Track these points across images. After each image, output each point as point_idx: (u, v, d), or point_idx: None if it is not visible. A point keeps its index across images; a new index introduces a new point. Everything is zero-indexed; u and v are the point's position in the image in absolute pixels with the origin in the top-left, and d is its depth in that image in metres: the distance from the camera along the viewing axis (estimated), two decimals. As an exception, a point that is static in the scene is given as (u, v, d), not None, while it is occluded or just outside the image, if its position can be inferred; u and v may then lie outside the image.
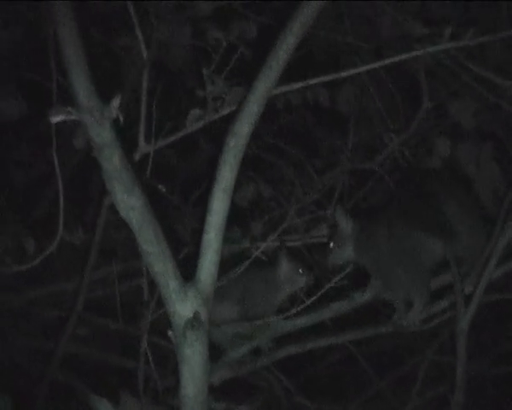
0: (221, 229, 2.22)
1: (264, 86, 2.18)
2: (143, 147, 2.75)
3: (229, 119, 2.54)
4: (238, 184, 3.79)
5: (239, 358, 3.28)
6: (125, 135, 2.15)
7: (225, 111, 2.59)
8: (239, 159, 2.21)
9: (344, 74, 2.61)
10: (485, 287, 2.97)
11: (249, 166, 3.99)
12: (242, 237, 3.57)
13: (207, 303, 2.22)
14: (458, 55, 3.10)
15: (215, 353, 3.27)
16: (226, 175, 2.20)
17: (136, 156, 2.75)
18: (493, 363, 4.14)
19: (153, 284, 2.91)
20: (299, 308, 3.00)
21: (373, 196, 3.62)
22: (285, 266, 3.28)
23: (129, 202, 2.08)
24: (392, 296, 3.13)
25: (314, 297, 2.91)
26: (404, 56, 2.56)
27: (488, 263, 2.91)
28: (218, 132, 2.95)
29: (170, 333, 2.26)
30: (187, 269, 2.29)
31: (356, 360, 3.99)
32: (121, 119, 2.02)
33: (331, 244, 3.26)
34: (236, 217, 3.83)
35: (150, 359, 2.75)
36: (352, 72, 2.77)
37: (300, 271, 3.28)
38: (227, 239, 3.58)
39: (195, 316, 2.18)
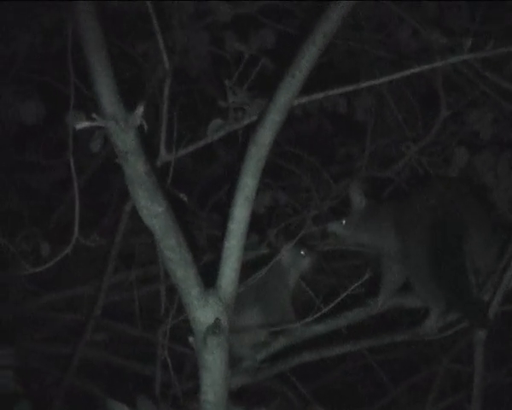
0: (242, 236, 2.25)
1: (286, 96, 2.21)
2: (164, 155, 2.78)
3: (249, 127, 2.59)
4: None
5: (256, 364, 3.31)
6: (148, 143, 2.18)
7: (246, 121, 2.62)
8: (260, 167, 2.24)
9: (364, 85, 2.62)
10: (503, 297, 2.99)
11: (266, 172, 4.02)
12: (259, 243, 3.60)
13: (228, 310, 2.25)
14: (476, 65, 3.12)
15: (232, 359, 3.31)
16: (248, 183, 2.23)
17: (158, 164, 2.78)
18: (510, 372, 4.14)
19: (171, 290, 2.98)
20: (316, 316, 2.99)
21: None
22: (286, 251, 3.27)
23: (152, 209, 2.11)
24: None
25: (331, 305, 2.92)
26: (424, 67, 2.57)
27: (505, 273, 2.92)
28: (233, 140, 3.00)
29: (190, 339, 2.28)
30: (205, 275, 2.32)
31: (371, 368, 4.01)
32: (145, 126, 2.05)
33: (343, 222, 3.27)
34: (253, 223, 3.87)
35: (170, 364, 2.78)
36: (372, 82, 2.77)
37: (302, 252, 3.29)
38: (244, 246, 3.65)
39: (216, 323, 2.21)
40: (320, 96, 2.59)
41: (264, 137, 2.22)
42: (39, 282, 3.73)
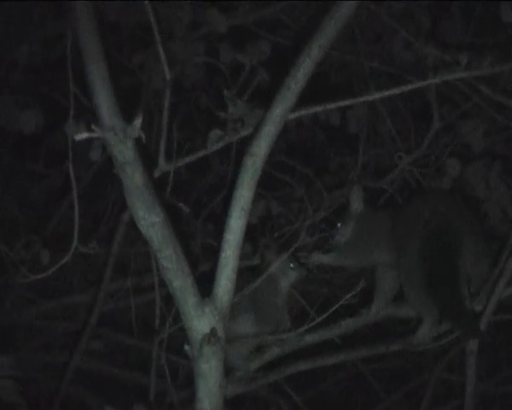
0: (238, 247, 2.27)
1: (282, 108, 2.23)
2: (163, 166, 2.80)
3: (245, 139, 2.61)
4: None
5: (250, 373, 3.32)
6: (145, 153, 2.20)
7: (245, 132, 2.64)
8: (256, 178, 2.27)
9: (361, 100, 2.65)
10: (495, 307, 3.01)
11: (259, 183, 4.05)
12: (252, 253, 3.62)
13: (224, 319, 2.27)
14: (469, 79, 3.15)
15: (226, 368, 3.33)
16: (244, 194, 2.26)
17: (156, 175, 2.80)
18: (501, 382, 4.16)
19: (166, 299, 2.99)
20: (309, 326, 3.01)
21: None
22: (276, 264, 3.25)
23: (149, 219, 2.13)
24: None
25: (325, 315, 2.93)
26: (420, 84, 2.60)
27: (497, 283, 2.95)
28: (226, 150, 3.02)
29: (186, 348, 2.30)
30: (201, 285, 2.34)
31: (364, 377, 4.03)
32: (143, 138, 2.07)
33: (338, 224, 3.29)
34: (246, 233, 3.88)
35: (167, 373, 2.79)
36: (369, 98, 2.81)
37: (291, 265, 3.28)
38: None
39: (212, 332, 2.24)
40: (317, 109, 2.61)
41: (260, 148, 2.25)
42: (36, 290, 3.74)
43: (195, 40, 3.30)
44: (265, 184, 3.89)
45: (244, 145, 2.34)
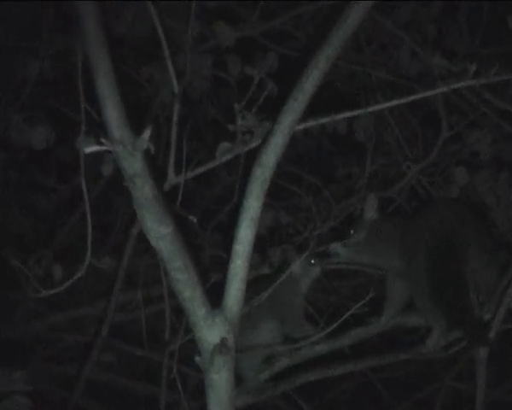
0: (247, 257, 2.27)
1: (290, 119, 2.23)
2: (173, 178, 2.81)
3: (254, 150, 2.62)
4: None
5: (260, 384, 3.32)
6: (155, 165, 2.20)
7: (254, 144, 2.64)
8: (265, 189, 2.26)
9: (369, 110, 2.65)
10: (504, 315, 3.01)
11: (268, 193, 4.05)
12: (261, 263, 3.63)
13: (234, 330, 2.26)
14: (476, 87, 3.15)
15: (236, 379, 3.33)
16: (253, 205, 2.26)
17: (166, 187, 2.81)
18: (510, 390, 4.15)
19: (176, 310, 3.00)
20: (319, 335, 3.02)
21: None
22: (296, 262, 3.30)
23: (159, 231, 2.13)
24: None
25: (334, 325, 2.94)
26: (428, 93, 2.60)
27: (506, 292, 2.94)
28: (234, 161, 3.03)
29: (197, 359, 2.30)
30: (210, 295, 2.34)
31: (373, 386, 4.02)
32: (152, 150, 2.08)
33: (351, 231, 3.29)
34: (255, 244, 3.89)
35: (179, 384, 2.79)
36: (377, 107, 2.80)
37: (312, 261, 3.32)
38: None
39: (223, 342, 2.23)
40: (325, 120, 2.61)
41: (269, 159, 2.25)
42: (47, 303, 3.75)
43: (203, 52, 3.30)
44: (274, 194, 3.93)
45: (251, 156, 2.34)
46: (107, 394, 3.86)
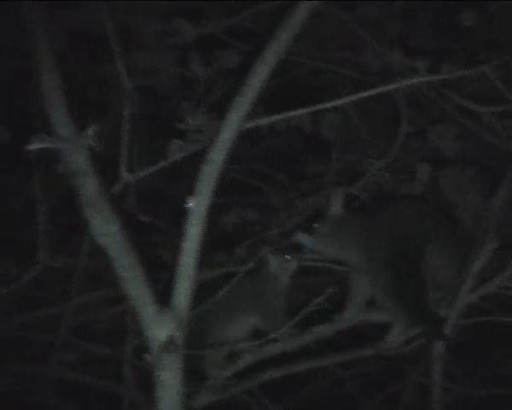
0: (196, 254, 2.26)
1: (237, 115, 2.22)
2: (126, 176, 2.79)
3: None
4: (223, 209, 3.88)
5: (223, 381, 3.31)
6: (109, 163, 2.18)
7: (205, 143, 2.61)
8: (213, 185, 2.25)
9: (325, 106, 2.65)
10: (464, 311, 3.00)
11: (234, 190, 4.04)
12: (227, 260, 3.61)
13: (183, 328, 2.25)
14: (436, 84, 3.14)
15: (199, 376, 3.31)
16: (201, 202, 2.24)
17: (119, 185, 2.78)
18: (479, 385, 4.14)
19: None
20: (281, 332, 3.00)
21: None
22: (272, 260, 3.34)
23: (104, 229, 2.12)
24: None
25: (295, 320, 2.93)
26: (383, 89, 2.60)
27: (462, 287, 2.93)
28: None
29: (147, 357, 2.28)
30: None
31: (343, 383, 4.01)
32: (98, 147, 2.06)
33: (315, 225, 3.28)
34: (221, 241, 3.88)
35: (131, 381, 2.77)
36: (335, 103, 2.80)
37: (287, 257, 3.34)
38: (213, 263, 3.67)
39: (171, 340, 2.22)
40: (278, 117, 2.60)
41: (217, 156, 2.24)
42: (16, 303, 3.71)
43: (164, 49, 3.28)
44: (241, 192, 3.92)
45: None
46: (76, 393, 3.83)
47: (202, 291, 3.13)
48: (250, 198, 3.89)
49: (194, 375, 3.25)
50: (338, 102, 2.70)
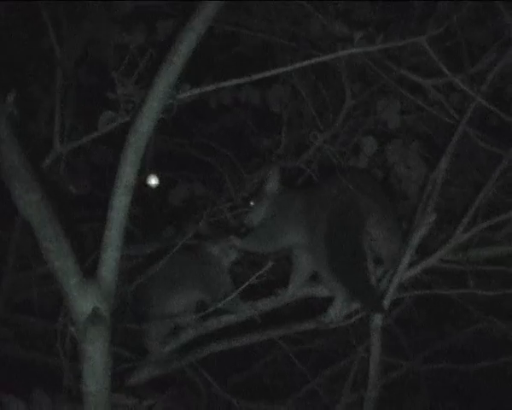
0: (122, 225, 2.20)
1: (164, 83, 2.16)
2: (58, 147, 2.73)
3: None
4: (171, 184, 3.83)
5: (165, 356, 3.27)
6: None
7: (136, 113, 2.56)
8: (140, 155, 2.19)
9: (256, 77, 2.59)
10: (408, 284, 2.98)
11: (183, 165, 4.00)
12: (175, 234, 3.58)
13: (109, 299, 2.20)
14: (381, 57, 3.11)
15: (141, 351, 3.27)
16: (127, 171, 2.19)
17: (51, 157, 2.73)
18: (428, 360, 4.15)
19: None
20: (219, 305, 2.95)
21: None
22: (218, 245, 3.32)
23: (27, 199, 2.07)
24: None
25: (234, 294, 2.87)
26: (319, 59, 2.55)
27: (400, 263, 2.91)
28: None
29: (72, 329, 2.23)
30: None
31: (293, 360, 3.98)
32: (16, 113, 2.00)
33: (251, 203, 3.25)
34: (170, 216, 3.84)
35: (63, 354, 2.70)
36: (273, 72, 2.74)
37: (228, 247, 3.31)
38: (161, 238, 3.62)
39: (96, 312, 2.16)
40: (210, 88, 2.54)
41: (143, 125, 2.18)
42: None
43: (105, 21, 3.21)
44: (190, 167, 3.88)
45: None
46: (19, 368, 3.77)
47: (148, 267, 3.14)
48: (199, 174, 3.85)
49: (135, 350, 3.23)
50: (272, 72, 2.64)
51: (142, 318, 3.21)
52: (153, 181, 4.07)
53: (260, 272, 2.91)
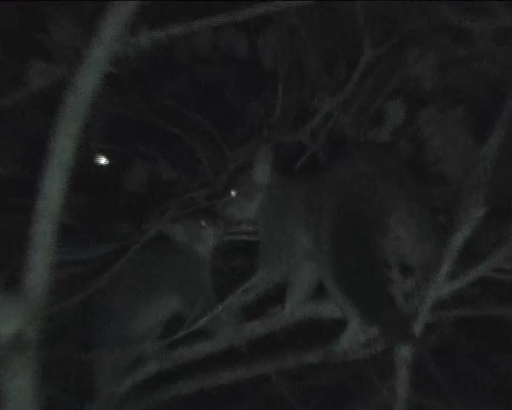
0: (56, 218, 2.16)
1: (115, 21, 2.13)
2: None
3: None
4: (126, 164, 3.82)
5: (119, 395, 3.25)
6: None
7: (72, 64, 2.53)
8: (81, 122, 2.15)
9: (241, 16, 2.57)
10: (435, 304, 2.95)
11: (142, 137, 3.97)
12: (131, 232, 3.57)
13: (37, 317, 2.16)
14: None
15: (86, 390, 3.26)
16: (64, 144, 2.15)
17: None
18: (470, 400, 4.15)
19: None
20: (192, 328, 2.92)
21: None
22: (183, 228, 3.37)
23: None
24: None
25: (222, 304, 2.86)
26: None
27: (437, 273, 2.88)
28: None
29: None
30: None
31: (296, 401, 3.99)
32: None
33: (232, 193, 3.25)
34: (127, 204, 3.83)
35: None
36: (265, 8, 2.71)
37: (202, 223, 3.35)
38: (112, 237, 3.62)
39: (20, 337, 2.13)
40: (175, 30, 2.49)
41: (85, 79, 2.14)
42: None
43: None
44: (152, 141, 3.85)
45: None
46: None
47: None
48: (165, 150, 3.83)
49: (78, 387, 3.22)
50: (264, 9, 2.61)
51: (91, 343, 3.21)
52: (102, 159, 4.04)
53: (246, 285, 2.91)
